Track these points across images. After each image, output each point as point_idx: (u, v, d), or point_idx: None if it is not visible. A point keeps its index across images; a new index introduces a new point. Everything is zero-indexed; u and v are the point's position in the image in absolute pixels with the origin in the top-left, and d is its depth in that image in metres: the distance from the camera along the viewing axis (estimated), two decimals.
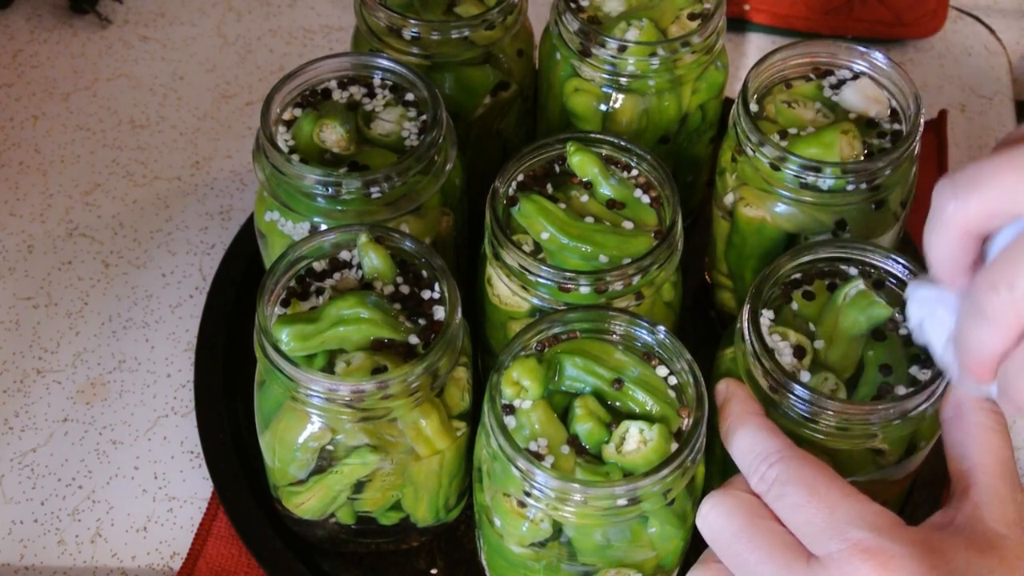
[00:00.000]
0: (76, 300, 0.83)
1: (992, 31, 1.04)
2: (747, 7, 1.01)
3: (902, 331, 0.61)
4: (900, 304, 0.62)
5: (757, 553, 0.51)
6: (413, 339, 0.60)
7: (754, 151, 0.67)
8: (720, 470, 0.65)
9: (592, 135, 0.68)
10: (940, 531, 0.51)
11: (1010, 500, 0.53)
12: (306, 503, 0.66)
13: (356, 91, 0.71)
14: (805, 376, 0.59)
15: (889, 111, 0.70)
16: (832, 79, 0.71)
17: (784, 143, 0.68)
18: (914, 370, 0.60)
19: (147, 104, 0.96)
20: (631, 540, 0.58)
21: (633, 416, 0.58)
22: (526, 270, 0.63)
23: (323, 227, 0.67)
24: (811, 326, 0.62)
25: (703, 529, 0.54)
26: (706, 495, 0.54)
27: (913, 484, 0.70)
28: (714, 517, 0.53)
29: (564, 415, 0.58)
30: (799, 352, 0.60)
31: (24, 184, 0.90)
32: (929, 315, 0.53)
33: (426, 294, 0.62)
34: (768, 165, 0.67)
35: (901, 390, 0.58)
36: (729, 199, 0.72)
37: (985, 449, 0.54)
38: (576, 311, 0.61)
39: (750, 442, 0.54)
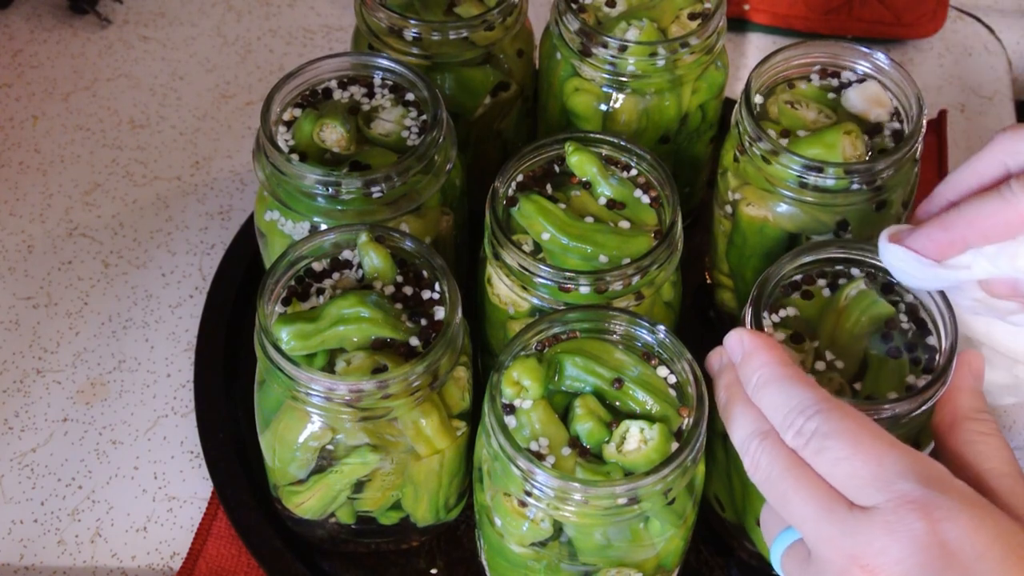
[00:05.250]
0: (76, 300, 0.83)
1: (992, 31, 1.04)
2: (747, 7, 1.01)
3: (904, 327, 0.61)
4: (903, 303, 0.62)
5: (801, 493, 0.49)
6: (413, 339, 0.60)
7: (756, 151, 0.67)
8: (722, 470, 0.65)
9: (591, 135, 0.68)
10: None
11: None
12: (306, 503, 0.66)
13: (356, 91, 0.71)
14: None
15: (892, 112, 0.70)
16: (835, 80, 0.71)
17: (786, 143, 0.68)
18: (911, 377, 0.60)
19: (147, 104, 0.96)
20: (631, 540, 0.58)
21: (633, 416, 0.58)
22: (526, 270, 0.63)
23: (323, 227, 0.67)
24: (814, 326, 0.62)
25: (750, 466, 0.52)
26: (752, 439, 0.52)
27: None
28: (761, 454, 0.51)
29: (564, 415, 0.58)
30: (801, 352, 0.60)
31: (24, 184, 0.90)
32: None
33: (426, 294, 0.62)
34: (769, 164, 0.67)
35: (893, 394, 0.59)
36: (731, 199, 0.72)
37: (988, 455, 0.53)
38: (576, 311, 0.61)
39: (784, 395, 0.51)
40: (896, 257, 0.58)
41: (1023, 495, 0.51)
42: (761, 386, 0.52)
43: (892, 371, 0.60)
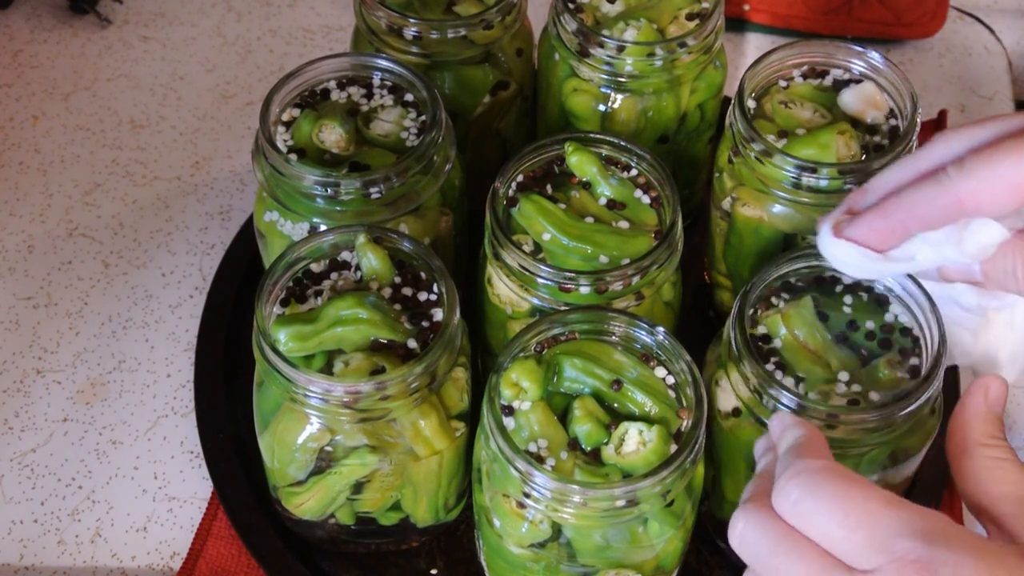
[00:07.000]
0: (76, 300, 0.83)
1: (992, 31, 1.04)
2: (746, 7, 1.01)
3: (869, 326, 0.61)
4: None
5: (798, 565, 0.45)
6: (411, 340, 0.60)
7: (750, 152, 0.67)
8: (725, 471, 0.65)
9: (591, 135, 0.68)
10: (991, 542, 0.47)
11: None
12: (305, 504, 0.66)
13: (355, 91, 0.71)
14: (794, 383, 0.59)
15: (888, 113, 0.70)
16: (829, 79, 0.71)
17: (781, 143, 0.68)
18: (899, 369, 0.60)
19: (147, 104, 0.96)
20: (630, 541, 0.58)
21: (632, 417, 0.58)
22: (526, 270, 0.63)
23: (322, 227, 0.67)
24: (812, 329, 0.61)
25: (737, 545, 0.48)
26: (737, 510, 0.49)
27: (913, 485, 0.70)
28: (749, 531, 0.47)
29: (563, 416, 0.58)
30: (782, 359, 0.60)
31: (24, 184, 0.90)
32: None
33: (424, 295, 0.62)
34: (763, 165, 0.67)
35: (876, 396, 0.59)
36: (726, 199, 0.72)
37: (1001, 479, 0.50)
38: (576, 312, 0.61)
39: (782, 464, 0.48)
40: (840, 250, 0.56)
41: None
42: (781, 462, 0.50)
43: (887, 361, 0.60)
